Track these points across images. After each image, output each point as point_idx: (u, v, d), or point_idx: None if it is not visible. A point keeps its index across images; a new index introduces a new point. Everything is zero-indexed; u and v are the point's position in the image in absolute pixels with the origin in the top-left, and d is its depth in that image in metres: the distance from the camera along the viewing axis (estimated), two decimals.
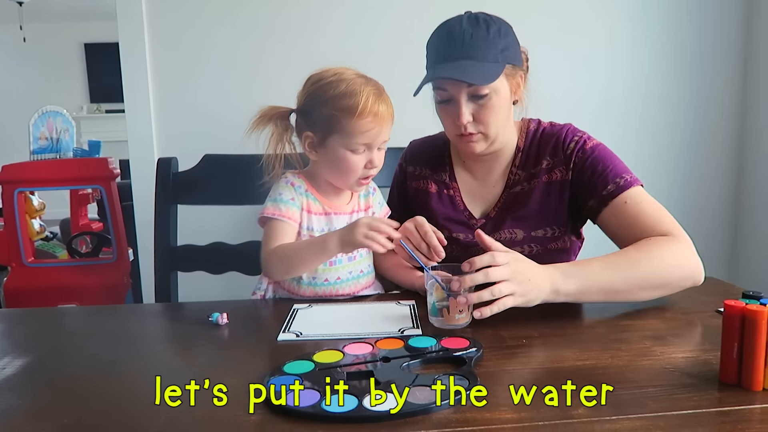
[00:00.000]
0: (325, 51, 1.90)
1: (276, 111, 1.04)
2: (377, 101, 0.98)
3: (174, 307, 1.18)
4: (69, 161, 2.47)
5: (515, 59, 1.05)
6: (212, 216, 1.76)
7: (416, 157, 1.24)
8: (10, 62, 6.63)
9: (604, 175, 1.05)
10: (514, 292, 0.83)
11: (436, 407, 0.60)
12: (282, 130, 1.04)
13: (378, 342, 0.79)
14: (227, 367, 0.75)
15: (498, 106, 1.04)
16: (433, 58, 1.05)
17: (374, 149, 1.01)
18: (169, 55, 1.91)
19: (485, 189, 1.16)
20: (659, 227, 0.98)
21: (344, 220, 1.06)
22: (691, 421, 0.57)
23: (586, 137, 1.10)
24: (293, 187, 1.04)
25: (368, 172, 1.02)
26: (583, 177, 1.07)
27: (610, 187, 1.04)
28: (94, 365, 0.78)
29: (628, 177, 1.04)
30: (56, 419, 0.61)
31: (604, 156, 1.07)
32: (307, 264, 1.00)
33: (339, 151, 1.00)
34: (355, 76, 1.00)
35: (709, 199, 2.11)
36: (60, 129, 2.51)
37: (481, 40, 1.00)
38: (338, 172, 1.03)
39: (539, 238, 1.10)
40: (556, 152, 1.10)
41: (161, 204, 1.33)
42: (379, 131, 0.99)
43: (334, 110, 0.97)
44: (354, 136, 0.98)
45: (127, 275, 2.37)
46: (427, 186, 1.19)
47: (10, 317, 1.03)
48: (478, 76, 0.99)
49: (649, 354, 0.74)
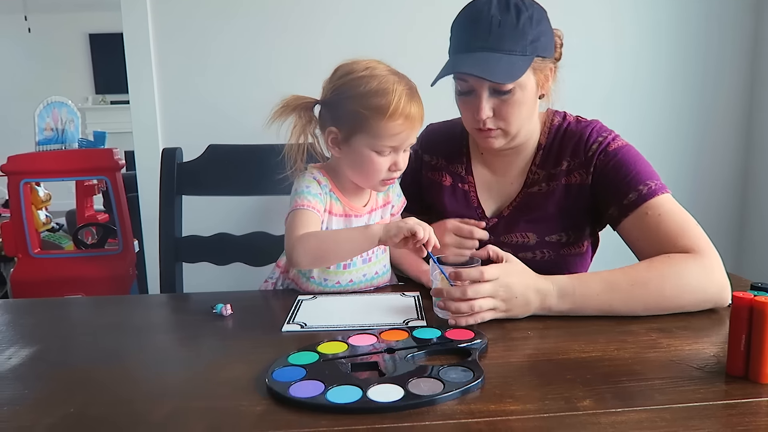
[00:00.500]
0: (331, 42, 1.88)
1: (300, 101, 0.97)
2: (409, 102, 0.92)
3: (178, 297, 1.18)
4: (74, 152, 2.47)
5: (546, 50, 0.96)
6: (217, 207, 1.76)
7: (433, 145, 1.17)
8: (14, 53, 6.63)
9: (626, 181, 0.97)
10: (496, 307, 0.82)
11: (440, 398, 0.60)
12: (305, 122, 0.98)
13: (382, 333, 0.78)
14: (231, 358, 0.75)
15: (522, 102, 0.97)
16: (456, 43, 0.98)
17: (401, 151, 0.96)
18: (174, 46, 1.90)
19: (502, 185, 1.11)
20: (681, 242, 0.89)
21: (362, 221, 1.02)
22: (698, 413, 0.57)
23: (612, 138, 1.03)
24: (320, 185, 0.99)
25: (392, 174, 0.97)
26: (605, 182, 1.00)
27: (632, 195, 0.96)
28: (99, 355, 0.78)
29: (653, 184, 0.95)
30: (61, 408, 0.61)
31: (627, 160, 0.99)
32: (341, 252, 0.93)
33: (364, 151, 0.94)
34: (388, 73, 0.94)
35: (715, 191, 2.10)
36: (65, 120, 2.51)
37: (509, 29, 0.92)
38: (361, 173, 0.98)
39: (553, 243, 1.06)
40: (577, 153, 1.03)
41: (166, 194, 1.33)
42: (408, 134, 0.94)
43: (362, 108, 0.92)
44: (382, 137, 0.93)
45: (133, 266, 2.38)
46: (442, 178, 1.14)
47: (17, 307, 1.03)
48: (503, 73, 0.92)
49: (656, 346, 0.74)
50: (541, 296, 0.84)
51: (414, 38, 1.86)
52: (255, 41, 1.90)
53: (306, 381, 0.64)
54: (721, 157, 2.10)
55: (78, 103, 3.09)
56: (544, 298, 0.84)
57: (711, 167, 2.09)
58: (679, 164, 2.05)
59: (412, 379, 0.64)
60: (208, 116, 1.91)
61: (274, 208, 0.97)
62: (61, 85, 6.31)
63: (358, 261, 1.01)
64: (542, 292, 0.84)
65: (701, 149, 2.08)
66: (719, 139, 2.08)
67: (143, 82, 1.91)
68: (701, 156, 2.08)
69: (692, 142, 2.07)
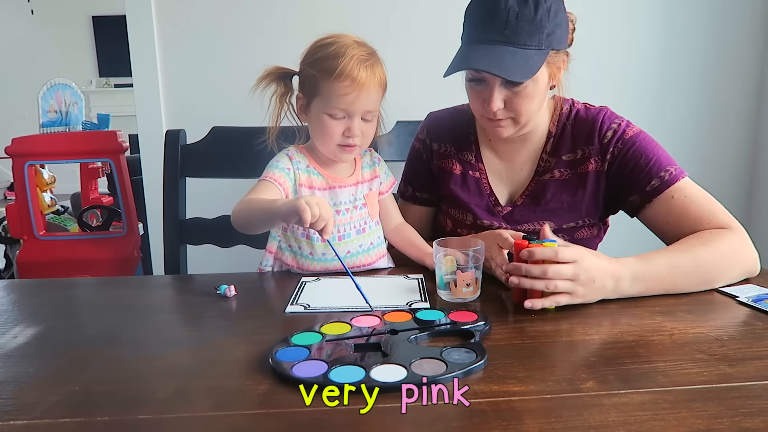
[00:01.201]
0: (337, 22, 1.86)
1: (279, 71, 1.01)
2: (359, 65, 0.93)
3: (182, 279, 1.18)
4: (78, 134, 2.47)
5: (560, 42, 0.95)
6: (221, 189, 1.76)
7: (440, 133, 1.16)
8: (17, 35, 6.60)
9: (647, 169, 0.99)
10: (575, 292, 0.80)
11: (443, 379, 0.60)
12: (283, 92, 1.02)
13: (386, 315, 0.79)
14: (235, 338, 0.75)
15: (534, 95, 0.96)
16: (469, 32, 0.96)
17: (355, 117, 0.96)
18: (177, 28, 1.89)
19: (512, 172, 1.11)
20: (714, 220, 0.94)
21: (348, 192, 1.04)
22: (701, 395, 0.57)
23: (626, 124, 1.03)
24: (291, 160, 1.02)
25: (347, 140, 0.98)
26: (624, 170, 1.01)
27: (654, 182, 0.98)
28: (104, 334, 0.79)
29: (673, 170, 0.98)
30: (66, 386, 0.61)
31: (646, 147, 1.00)
32: (255, 221, 0.93)
33: (319, 115, 0.97)
34: (350, 42, 0.96)
35: (722, 178, 2.09)
36: (69, 102, 2.51)
37: (526, 22, 0.90)
38: (319, 138, 1.00)
39: (568, 230, 1.06)
40: (591, 140, 1.03)
41: (170, 177, 1.32)
42: (356, 97, 0.94)
43: (316, 70, 0.95)
44: (330, 99, 0.95)
45: (137, 248, 2.39)
46: (452, 166, 1.13)
47: (22, 288, 1.04)
48: (518, 70, 0.90)
49: (659, 329, 0.74)
50: (615, 281, 0.83)
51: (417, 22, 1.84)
52: (258, 23, 1.89)
53: (309, 361, 0.64)
54: (730, 147, 2.08)
55: (82, 86, 3.08)
56: (617, 282, 0.83)
57: (719, 154, 2.08)
58: (689, 151, 2.04)
59: (415, 359, 0.64)
60: (212, 98, 1.90)
61: None
62: (65, 67, 6.29)
63: (353, 232, 1.03)
64: (616, 276, 0.83)
65: (711, 138, 2.07)
66: (729, 128, 2.07)
67: (147, 64, 1.90)
68: (710, 145, 2.07)
69: (702, 131, 2.06)
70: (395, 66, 1.02)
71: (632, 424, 0.52)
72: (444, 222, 1.16)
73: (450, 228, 1.13)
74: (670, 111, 2.04)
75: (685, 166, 1.01)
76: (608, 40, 1.96)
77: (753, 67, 2.03)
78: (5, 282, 1.04)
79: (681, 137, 2.04)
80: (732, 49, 2.01)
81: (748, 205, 2.11)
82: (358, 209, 1.04)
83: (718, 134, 2.07)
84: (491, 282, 0.95)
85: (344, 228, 1.03)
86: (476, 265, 0.85)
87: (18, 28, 6.58)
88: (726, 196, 2.16)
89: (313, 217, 0.78)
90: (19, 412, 0.56)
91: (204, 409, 0.56)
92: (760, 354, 0.66)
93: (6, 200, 6.05)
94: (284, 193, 0.99)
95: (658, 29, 1.98)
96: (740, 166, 2.10)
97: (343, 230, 1.02)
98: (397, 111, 1.21)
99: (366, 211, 1.05)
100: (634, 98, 2.01)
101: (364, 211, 1.05)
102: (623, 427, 0.51)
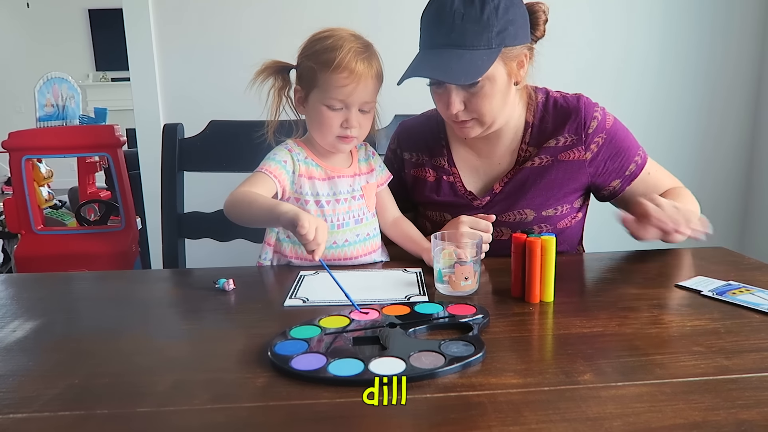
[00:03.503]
0: (335, 16, 1.86)
1: (277, 64, 1.02)
2: (356, 57, 0.94)
3: (181, 273, 1.18)
4: (75, 128, 2.46)
5: (516, 38, 0.94)
6: (219, 183, 1.76)
7: (412, 142, 1.18)
8: (13, 28, 6.56)
9: (625, 156, 1.08)
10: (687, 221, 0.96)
11: (441, 371, 0.60)
12: (281, 85, 1.03)
13: (384, 308, 0.79)
14: (234, 331, 0.75)
15: (492, 94, 0.97)
16: (422, 38, 0.98)
17: (353, 108, 0.97)
18: (174, 21, 1.88)
19: (490, 167, 1.12)
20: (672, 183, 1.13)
21: (347, 183, 1.04)
22: (698, 387, 0.57)
23: (603, 113, 1.07)
24: (290, 153, 1.02)
25: (345, 131, 0.99)
26: (606, 159, 1.07)
27: (632, 167, 1.08)
28: (103, 328, 0.79)
29: (641, 151, 1.10)
30: (65, 379, 0.62)
31: (622, 135, 1.08)
32: (250, 215, 0.95)
33: (317, 107, 0.98)
34: (347, 35, 0.98)
35: (720, 172, 2.09)
36: (66, 96, 2.50)
37: (472, 23, 0.90)
38: (317, 129, 1.01)
39: (550, 217, 1.08)
40: (572, 129, 1.05)
41: (167, 171, 1.32)
42: (354, 89, 0.95)
43: (314, 63, 0.96)
44: (329, 90, 0.96)
45: (136, 243, 2.39)
46: (425, 174, 1.15)
47: (21, 282, 1.04)
48: (463, 73, 0.91)
49: (657, 322, 0.74)
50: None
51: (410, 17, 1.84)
52: (256, 16, 1.88)
53: (308, 354, 0.64)
54: (729, 138, 2.08)
55: (78, 80, 3.07)
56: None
57: (717, 147, 2.08)
58: (687, 144, 2.04)
59: (413, 352, 0.64)
60: (210, 92, 1.90)
61: None
62: (62, 61, 6.25)
63: (351, 221, 1.04)
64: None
65: (709, 130, 2.07)
66: (727, 120, 2.07)
67: (144, 58, 1.89)
68: (708, 137, 2.07)
69: (700, 123, 2.06)
70: (393, 60, 1.02)
71: (629, 416, 0.52)
72: (423, 224, 1.17)
73: (430, 230, 1.14)
74: (667, 107, 2.04)
75: (683, 163, 1.06)
76: (606, 35, 1.96)
77: (751, 62, 2.03)
78: (3, 276, 1.04)
79: (678, 133, 2.04)
80: (729, 44, 2.01)
81: (745, 201, 2.11)
82: (356, 200, 1.05)
83: (715, 131, 2.08)
84: (489, 275, 0.95)
85: (343, 217, 1.03)
86: (474, 259, 0.85)
87: (13, 22, 6.53)
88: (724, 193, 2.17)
89: (308, 237, 0.84)
90: (18, 405, 0.56)
91: (203, 402, 0.56)
92: (756, 346, 0.66)
93: (3, 195, 6.03)
94: (280, 185, 0.99)
95: (656, 24, 1.98)
96: (738, 162, 2.10)
97: (342, 219, 1.03)
98: (394, 105, 1.21)
99: (363, 202, 1.06)
100: (632, 94, 2.01)
101: (361, 202, 1.06)
102: (620, 419, 0.51)
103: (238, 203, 0.94)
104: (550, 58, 1.05)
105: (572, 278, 0.95)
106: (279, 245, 1.06)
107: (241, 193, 0.95)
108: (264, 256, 1.08)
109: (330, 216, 1.02)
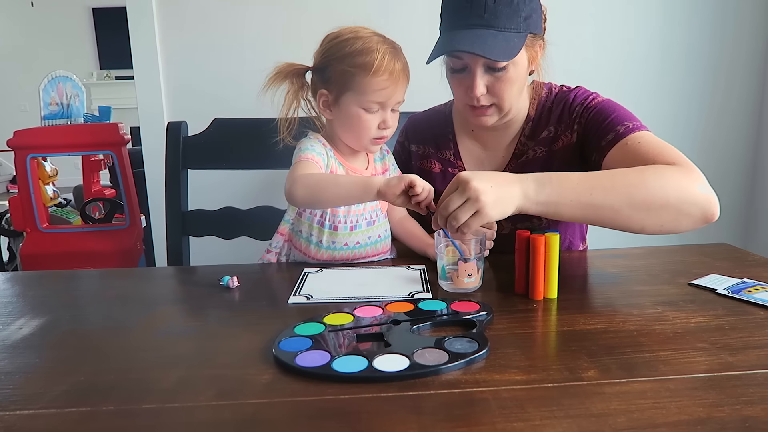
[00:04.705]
0: (337, 13, 1.86)
1: (292, 68, 1.02)
2: (393, 59, 0.96)
3: (185, 270, 1.18)
4: (80, 127, 2.47)
5: (537, 27, 0.97)
6: (223, 181, 1.77)
7: (419, 135, 1.19)
8: (17, 27, 6.58)
9: (604, 125, 0.99)
10: (478, 210, 0.78)
11: (445, 368, 0.60)
12: (297, 88, 1.03)
13: (388, 305, 0.79)
14: (238, 328, 0.75)
15: (515, 79, 0.98)
16: (449, 20, 0.97)
17: (388, 109, 0.99)
18: (178, 20, 1.88)
19: (493, 159, 1.13)
20: (661, 158, 0.88)
21: None
22: (702, 384, 0.57)
23: (593, 96, 1.06)
24: (324, 147, 1.02)
25: (381, 132, 1.00)
26: (587, 135, 1.02)
27: (610, 136, 0.97)
28: (109, 325, 0.79)
29: (631, 124, 0.96)
30: (71, 376, 0.62)
31: (607, 108, 1.01)
32: (338, 193, 0.92)
33: (353, 110, 0.98)
34: (372, 35, 0.98)
35: (723, 169, 2.08)
36: (70, 94, 2.51)
37: (505, 5, 0.92)
38: (351, 132, 1.01)
39: None
40: (562, 118, 1.06)
41: (171, 169, 1.33)
42: (393, 90, 0.97)
43: (349, 66, 0.96)
44: (368, 93, 0.96)
45: (140, 241, 2.40)
46: (431, 166, 1.16)
47: (26, 279, 1.04)
48: (500, 51, 0.92)
49: (661, 319, 0.74)
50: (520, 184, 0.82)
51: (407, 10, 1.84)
52: (259, 13, 1.88)
53: (312, 351, 0.65)
54: (734, 131, 2.07)
55: (83, 79, 3.07)
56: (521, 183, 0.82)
57: (723, 139, 2.07)
58: (691, 137, 2.03)
59: (417, 349, 0.64)
60: (214, 90, 1.90)
61: (279, 181, 0.97)
62: (66, 60, 6.28)
63: (363, 223, 1.04)
64: (520, 179, 0.82)
65: (714, 122, 2.06)
66: (732, 112, 2.06)
67: (147, 56, 1.89)
68: (713, 129, 2.06)
69: (705, 115, 2.05)
70: None
71: (634, 412, 0.52)
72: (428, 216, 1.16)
73: None
74: (669, 104, 2.03)
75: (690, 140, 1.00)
76: (606, 33, 1.95)
77: (754, 58, 2.01)
78: (9, 274, 1.05)
79: (681, 129, 2.03)
80: (732, 40, 2.00)
81: (749, 198, 2.10)
82: None
83: (718, 127, 2.06)
84: (493, 272, 0.95)
85: (356, 219, 1.03)
86: (478, 256, 0.85)
87: (18, 21, 6.56)
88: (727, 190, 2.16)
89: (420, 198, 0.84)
90: (25, 402, 0.57)
91: (208, 399, 0.57)
92: (761, 343, 0.66)
93: (9, 193, 6.06)
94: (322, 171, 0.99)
95: (658, 20, 1.97)
96: (741, 160, 2.09)
97: (355, 221, 1.03)
98: None
99: (377, 204, 1.06)
100: (633, 93, 2.00)
101: (375, 203, 1.05)
102: (625, 415, 0.51)
103: (321, 183, 0.93)
104: (550, 58, 1.05)
105: (576, 275, 0.96)
106: (292, 235, 1.07)
107: (315, 176, 0.94)
108: (275, 244, 1.08)
109: (344, 217, 1.02)
